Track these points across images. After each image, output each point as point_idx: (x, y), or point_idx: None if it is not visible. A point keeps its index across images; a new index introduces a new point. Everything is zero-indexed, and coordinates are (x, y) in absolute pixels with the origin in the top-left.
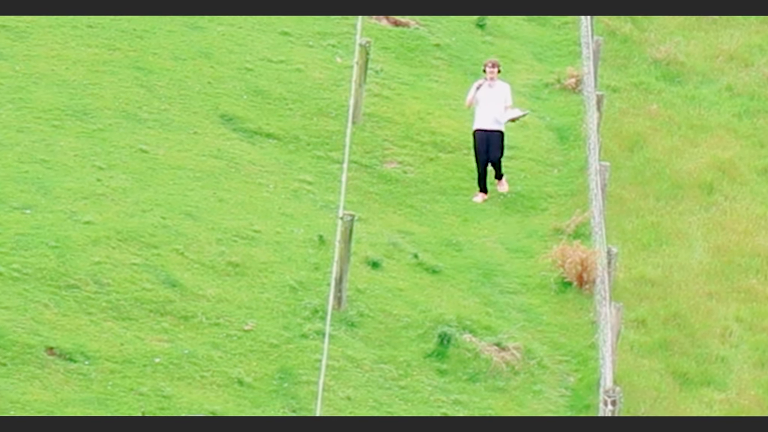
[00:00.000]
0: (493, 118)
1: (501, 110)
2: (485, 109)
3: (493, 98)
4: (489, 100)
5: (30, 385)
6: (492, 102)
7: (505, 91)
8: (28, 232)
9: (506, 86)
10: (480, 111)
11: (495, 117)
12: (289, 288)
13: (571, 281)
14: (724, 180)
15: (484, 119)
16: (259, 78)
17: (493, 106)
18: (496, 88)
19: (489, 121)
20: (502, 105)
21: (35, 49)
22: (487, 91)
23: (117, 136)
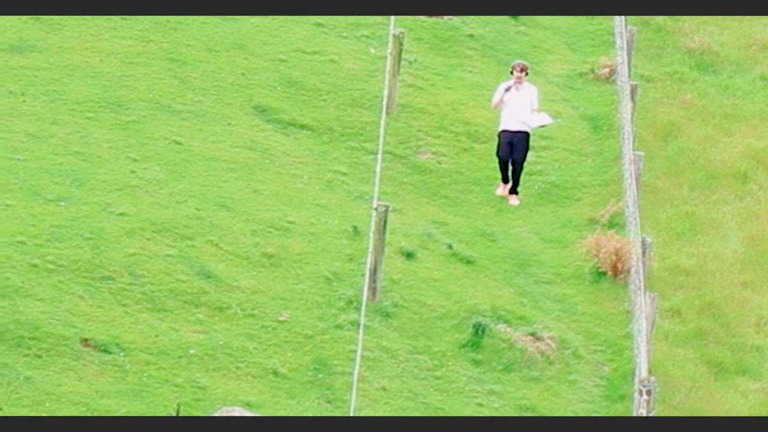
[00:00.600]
0: (518, 120)
1: (527, 112)
2: (512, 111)
3: (521, 100)
4: (516, 102)
5: (65, 377)
6: (519, 104)
7: (533, 94)
8: (62, 224)
9: (534, 89)
10: (506, 113)
11: (521, 119)
12: (323, 279)
13: (605, 271)
14: (758, 169)
15: (510, 121)
16: (293, 69)
17: (520, 109)
18: (523, 90)
19: (515, 122)
20: (528, 107)
21: (69, 41)
22: (515, 94)
23: (151, 127)
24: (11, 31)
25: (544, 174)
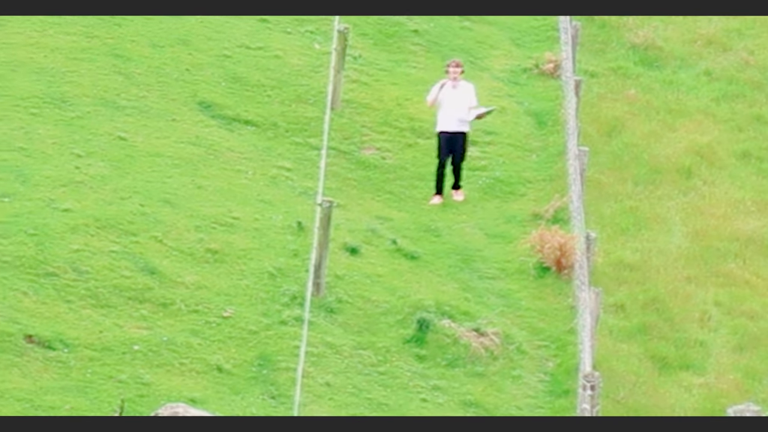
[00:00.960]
0: (457, 119)
1: (465, 111)
2: (449, 111)
3: (457, 99)
4: (453, 101)
5: (9, 373)
6: (456, 103)
7: (470, 92)
8: (6, 220)
9: (471, 86)
10: (443, 112)
11: (459, 118)
12: (267, 274)
13: (549, 266)
14: (702, 164)
15: (448, 121)
16: (237, 65)
17: (457, 108)
18: (459, 88)
19: (453, 122)
20: (466, 106)
21: (13, 37)
22: (451, 92)
23: (95, 123)
24: None
25: (488, 169)
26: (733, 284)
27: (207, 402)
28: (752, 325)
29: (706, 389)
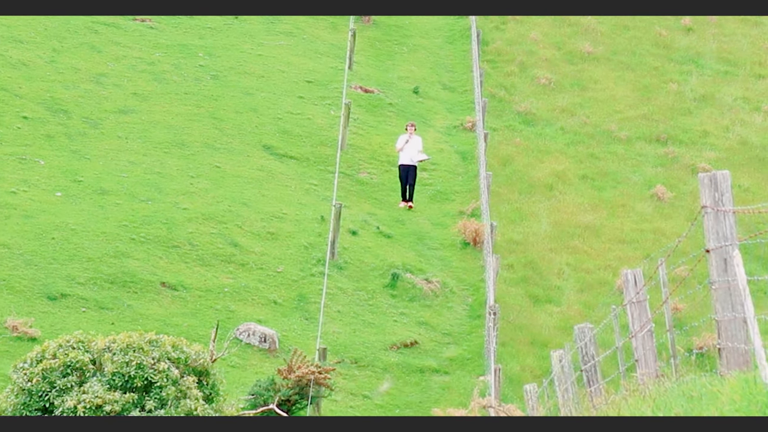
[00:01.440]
0: (410, 158)
1: (416, 153)
2: (406, 153)
3: (412, 146)
4: (409, 147)
5: (150, 305)
6: (411, 148)
7: (419, 142)
8: (150, 215)
9: (419, 139)
10: (403, 154)
11: (411, 157)
12: (303, 246)
13: (469, 242)
14: (559, 183)
15: (405, 158)
16: (286, 123)
17: (411, 151)
18: (413, 140)
19: (408, 159)
20: (416, 150)
21: (154, 107)
22: (409, 142)
23: (201, 158)
24: (119, 101)
25: (433, 185)
26: (578, 253)
27: (268, 322)
28: (588, 277)
29: (561, 315)
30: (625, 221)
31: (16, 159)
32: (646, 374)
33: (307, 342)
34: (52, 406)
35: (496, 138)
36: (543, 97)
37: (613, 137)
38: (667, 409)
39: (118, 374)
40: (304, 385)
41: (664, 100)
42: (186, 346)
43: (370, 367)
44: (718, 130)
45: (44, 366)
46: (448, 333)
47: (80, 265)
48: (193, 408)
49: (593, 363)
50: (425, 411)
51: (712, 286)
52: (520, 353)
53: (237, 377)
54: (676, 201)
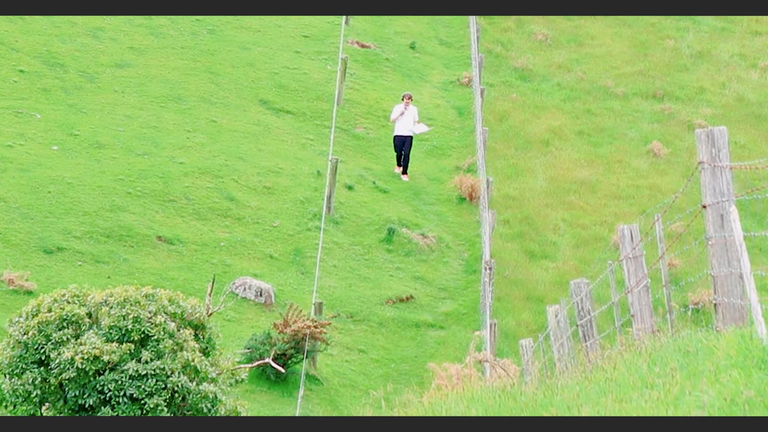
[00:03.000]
0: (407, 129)
1: (412, 124)
2: (402, 123)
3: (408, 117)
4: (405, 118)
5: (147, 259)
6: (406, 119)
7: (415, 112)
8: (146, 169)
9: (415, 109)
10: (399, 124)
11: (408, 128)
12: (299, 201)
13: (465, 197)
14: (555, 138)
15: (401, 129)
16: (282, 78)
17: (407, 122)
18: (409, 110)
19: (404, 130)
20: (412, 120)
21: (150, 61)
22: (404, 112)
23: (198, 112)
24: (116, 55)
25: (430, 141)
26: (573, 208)
27: (263, 276)
28: (584, 232)
29: (556, 271)
30: (621, 177)
31: (13, 113)
32: (641, 329)
33: (303, 296)
34: (48, 358)
35: (493, 94)
36: (539, 53)
37: (610, 93)
38: (663, 363)
39: (115, 328)
40: (299, 340)
41: (660, 56)
42: (182, 300)
43: (365, 321)
44: (714, 87)
45: (40, 319)
46: (443, 288)
47: (76, 218)
48: (191, 359)
49: (589, 318)
50: (420, 365)
51: (708, 242)
52: (516, 308)
53: (233, 331)
54: (672, 157)
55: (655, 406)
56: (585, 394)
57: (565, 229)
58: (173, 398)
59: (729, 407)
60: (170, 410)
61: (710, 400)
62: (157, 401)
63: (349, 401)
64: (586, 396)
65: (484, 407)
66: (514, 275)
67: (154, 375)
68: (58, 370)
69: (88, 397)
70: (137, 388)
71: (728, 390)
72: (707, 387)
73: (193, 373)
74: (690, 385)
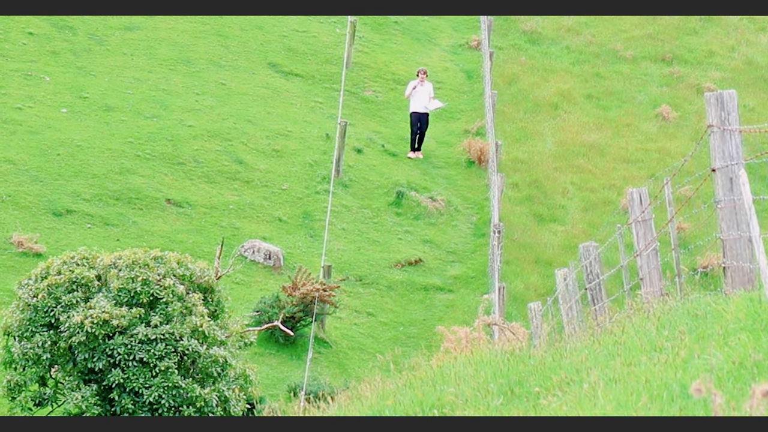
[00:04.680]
0: (422, 105)
1: (427, 100)
2: (418, 100)
3: (423, 93)
4: (420, 94)
5: (156, 221)
6: (422, 95)
7: (430, 88)
8: (154, 132)
9: (430, 85)
10: (414, 101)
11: (424, 104)
12: (308, 164)
13: (474, 161)
14: (564, 101)
15: (417, 106)
16: (291, 41)
17: (423, 98)
18: (424, 86)
19: (420, 107)
20: (428, 97)
21: (159, 23)
22: (419, 88)
23: (207, 75)
24: (124, 17)
25: (442, 101)
26: (582, 172)
27: (272, 239)
28: (592, 196)
29: (565, 234)
30: (629, 141)
31: (22, 75)
32: (650, 293)
33: (312, 259)
34: (57, 321)
35: (502, 57)
36: (548, 16)
37: (619, 56)
38: (672, 326)
39: (124, 290)
40: (308, 303)
41: (669, 19)
42: (191, 263)
43: (374, 284)
44: (723, 50)
45: (49, 282)
46: (452, 251)
47: (85, 181)
48: (199, 324)
49: (598, 281)
50: (429, 328)
51: (717, 205)
52: (524, 272)
53: (242, 294)
54: (681, 121)
55: (663, 369)
56: (594, 357)
57: (573, 192)
58: (183, 361)
59: (737, 370)
60: (180, 373)
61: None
62: (167, 364)
63: (358, 364)
64: (594, 359)
65: (492, 370)
66: (522, 239)
67: (163, 339)
68: (68, 333)
69: (97, 361)
70: (147, 352)
71: (737, 353)
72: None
73: (201, 337)
74: (698, 348)
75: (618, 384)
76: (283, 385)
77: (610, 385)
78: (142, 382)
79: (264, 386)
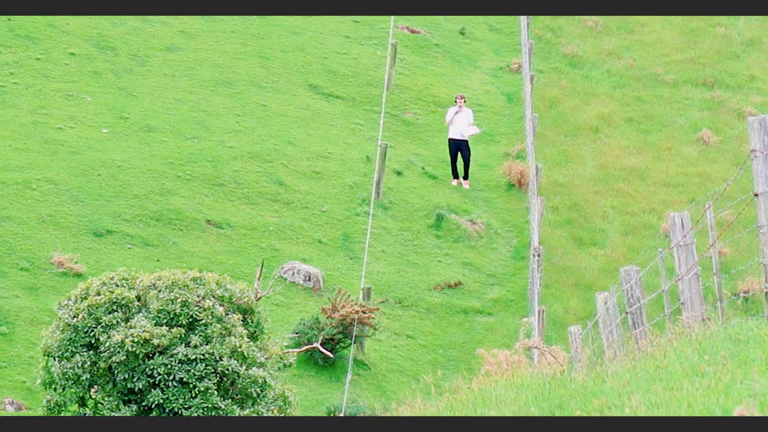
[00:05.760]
0: (460, 132)
1: (465, 126)
2: (456, 126)
3: (462, 119)
4: (459, 120)
5: (196, 242)
6: (461, 121)
7: (469, 114)
8: (195, 152)
9: (470, 111)
10: (453, 127)
11: (461, 131)
12: (348, 186)
13: (514, 184)
14: (605, 125)
15: (455, 132)
16: (332, 63)
17: (461, 124)
18: (463, 112)
19: (457, 134)
20: (466, 123)
21: (201, 44)
22: (458, 115)
23: (248, 96)
24: (166, 38)
25: (480, 126)
26: (623, 196)
27: (312, 261)
28: (632, 220)
29: (605, 258)
30: (670, 165)
31: (63, 95)
32: (691, 317)
33: (352, 281)
34: (97, 342)
35: (542, 80)
36: (590, 39)
37: (660, 80)
38: (714, 351)
39: (163, 311)
40: (348, 325)
41: (711, 43)
42: (230, 284)
43: (414, 307)
44: (765, 75)
45: (89, 302)
46: (492, 274)
47: (126, 201)
48: (238, 345)
49: (639, 306)
50: (469, 351)
51: (760, 230)
52: (564, 295)
53: (281, 316)
54: (722, 145)
55: (705, 394)
56: (635, 381)
57: (613, 216)
58: (222, 382)
59: None
60: (220, 394)
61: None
62: (207, 384)
63: (397, 386)
64: (636, 383)
65: (533, 394)
66: (562, 262)
67: (203, 359)
68: (108, 353)
69: (137, 381)
70: (187, 372)
71: None
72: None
73: (240, 358)
74: (741, 373)
75: (660, 409)
76: (322, 407)
77: (652, 409)
78: (181, 403)
79: (303, 408)
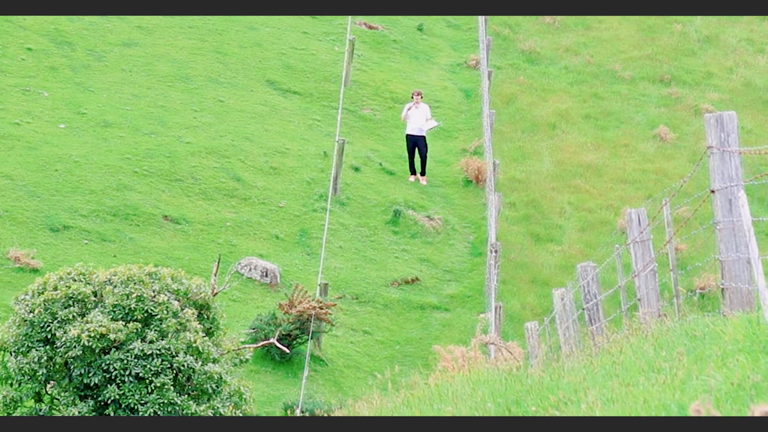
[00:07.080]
0: (418, 127)
1: (423, 122)
2: (413, 122)
3: (419, 115)
4: (416, 116)
5: (153, 238)
6: (417, 117)
7: (426, 110)
8: (153, 148)
9: (426, 107)
10: (410, 123)
11: (419, 126)
12: (306, 182)
13: (471, 180)
14: (562, 121)
15: (412, 128)
16: (290, 59)
17: (418, 120)
18: (420, 108)
19: (415, 129)
20: (423, 118)
21: (158, 40)
22: (414, 110)
23: (205, 92)
24: (124, 33)
25: (438, 121)
26: (579, 192)
27: (269, 256)
28: (589, 216)
29: (562, 254)
30: (627, 161)
31: (20, 90)
32: (648, 314)
33: (309, 277)
34: (53, 337)
35: (500, 76)
36: (547, 36)
37: (617, 77)
38: (670, 347)
39: (119, 306)
40: (305, 320)
41: (668, 40)
42: (185, 278)
43: (371, 303)
44: (721, 72)
45: (46, 297)
46: (449, 270)
47: (83, 197)
48: (193, 340)
49: (595, 302)
50: (426, 347)
51: (716, 227)
52: (521, 291)
53: (238, 311)
54: (679, 142)
55: (661, 390)
56: (591, 377)
57: (571, 212)
58: (178, 378)
59: (736, 392)
60: (176, 389)
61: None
62: (163, 380)
63: (354, 382)
64: (592, 379)
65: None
66: (519, 258)
67: (159, 355)
68: (64, 348)
69: (93, 376)
70: (143, 367)
71: (735, 375)
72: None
73: (196, 354)
74: (697, 369)
75: (616, 404)
76: (279, 402)
77: (608, 405)
78: (137, 399)
79: (259, 404)
